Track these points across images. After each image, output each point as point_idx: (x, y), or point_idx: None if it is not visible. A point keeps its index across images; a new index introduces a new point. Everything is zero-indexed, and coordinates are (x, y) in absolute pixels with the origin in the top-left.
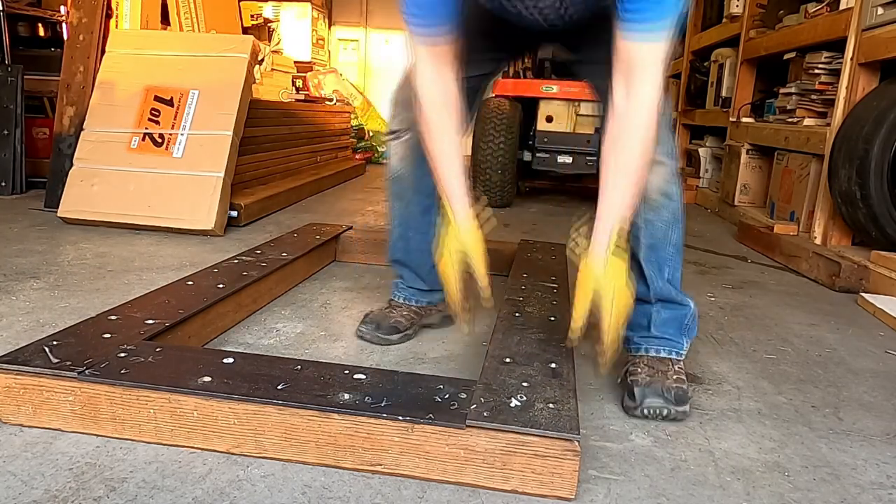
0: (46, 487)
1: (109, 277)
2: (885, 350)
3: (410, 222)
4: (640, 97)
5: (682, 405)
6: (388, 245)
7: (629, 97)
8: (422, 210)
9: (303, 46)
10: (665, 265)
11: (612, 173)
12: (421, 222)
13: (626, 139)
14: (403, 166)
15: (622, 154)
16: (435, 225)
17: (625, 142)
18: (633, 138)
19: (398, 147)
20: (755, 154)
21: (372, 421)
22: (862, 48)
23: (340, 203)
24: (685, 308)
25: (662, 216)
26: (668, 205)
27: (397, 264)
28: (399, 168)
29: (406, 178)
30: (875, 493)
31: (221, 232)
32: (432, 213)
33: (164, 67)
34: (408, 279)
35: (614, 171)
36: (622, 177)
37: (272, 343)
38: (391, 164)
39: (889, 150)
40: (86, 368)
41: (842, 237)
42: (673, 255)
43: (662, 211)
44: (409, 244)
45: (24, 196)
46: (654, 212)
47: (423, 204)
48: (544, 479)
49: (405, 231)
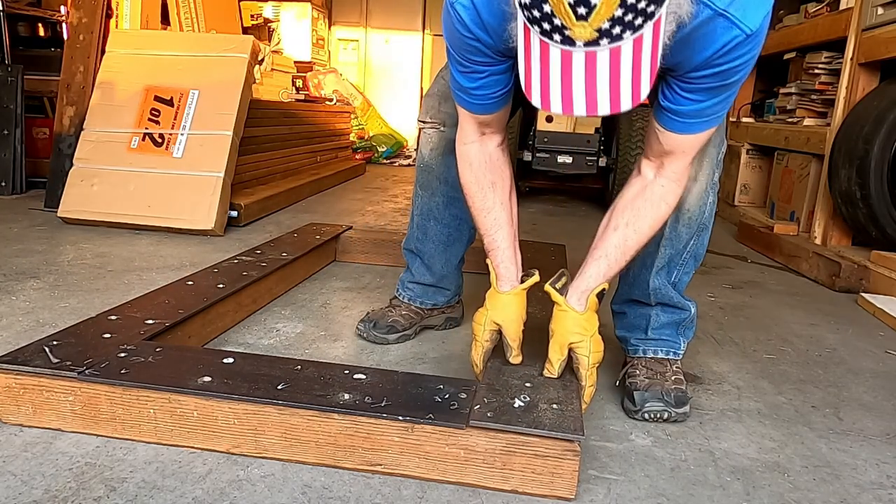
0: (46, 487)
1: (109, 277)
2: (885, 350)
3: (433, 212)
4: (670, 175)
5: (683, 407)
6: (406, 234)
7: (660, 173)
8: (446, 202)
9: (303, 46)
10: (675, 269)
11: (618, 235)
12: (444, 214)
13: (645, 210)
14: (433, 157)
15: (636, 221)
16: (457, 219)
17: (644, 212)
18: (653, 212)
19: (430, 137)
20: (755, 154)
21: (372, 421)
22: (862, 48)
23: (340, 203)
24: (685, 312)
25: (692, 228)
26: (699, 216)
27: (410, 254)
28: (428, 158)
29: (434, 169)
30: (875, 493)
31: (221, 232)
32: (456, 206)
33: (164, 67)
34: (416, 272)
35: (621, 233)
36: (626, 244)
37: (272, 343)
38: (421, 152)
39: (889, 150)
40: (86, 368)
41: (842, 237)
42: (686, 260)
43: (693, 223)
44: (426, 234)
45: (24, 196)
46: (686, 226)
47: (449, 195)
48: (544, 479)
49: (425, 221)
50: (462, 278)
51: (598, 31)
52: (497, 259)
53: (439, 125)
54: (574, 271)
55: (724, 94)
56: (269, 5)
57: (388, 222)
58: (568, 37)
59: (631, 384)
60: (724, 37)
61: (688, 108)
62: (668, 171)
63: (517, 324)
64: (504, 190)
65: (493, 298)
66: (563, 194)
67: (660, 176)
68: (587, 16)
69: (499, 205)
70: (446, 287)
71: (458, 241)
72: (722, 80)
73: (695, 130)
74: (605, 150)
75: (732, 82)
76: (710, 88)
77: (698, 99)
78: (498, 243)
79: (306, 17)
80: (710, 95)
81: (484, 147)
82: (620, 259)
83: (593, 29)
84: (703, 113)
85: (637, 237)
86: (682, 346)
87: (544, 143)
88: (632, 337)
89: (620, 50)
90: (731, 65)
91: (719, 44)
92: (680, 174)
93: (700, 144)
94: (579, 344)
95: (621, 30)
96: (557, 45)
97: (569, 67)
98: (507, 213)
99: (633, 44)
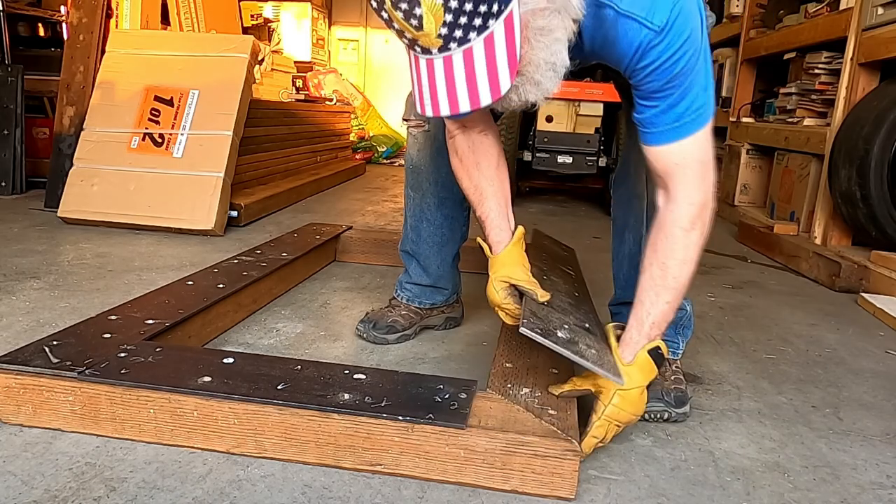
0: (46, 487)
1: (109, 277)
2: (885, 350)
3: (425, 213)
4: (680, 201)
5: (683, 407)
6: (402, 236)
7: (668, 201)
8: (437, 202)
9: (303, 46)
10: None
11: (655, 283)
12: (435, 215)
13: (669, 248)
14: (421, 158)
15: (667, 262)
16: (449, 218)
17: (668, 251)
18: (677, 247)
19: (416, 138)
20: (755, 154)
21: (372, 421)
22: (862, 48)
23: (340, 203)
24: (681, 311)
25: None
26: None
27: (406, 255)
28: (417, 159)
29: (423, 171)
30: (875, 493)
31: (221, 232)
32: (447, 206)
33: (164, 67)
34: (413, 274)
35: (659, 282)
36: (664, 290)
37: (272, 343)
38: (409, 154)
39: (889, 150)
40: (86, 368)
41: (842, 237)
42: None
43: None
44: (420, 235)
45: (24, 196)
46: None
47: (439, 196)
48: (544, 479)
49: (418, 223)
50: (459, 277)
51: (442, 38)
52: (488, 229)
53: (423, 123)
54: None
55: (675, 93)
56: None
57: (388, 222)
58: (423, 46)
59: None
60: (636, 37)
61: (649, 115)
62: (675, 195)
63: (522, 271)
64: (490, 167)
65: (493, 263)
66: (563, 194)
67: (669, 202)
68: (421, 26)
69: (485, 180)
70: (444, 287)
71: (451, 240)
72: (661, 79)
73: (671, 138)
74: (605, 150)
75: (674, 78)
76: (657, 91)
77: (653, 104)
78: (487, 213)
79: (306, 16)
80: (662, 97)
81: (467, 136)
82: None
83: (434, 37)
84: (667, 117)
85: (663, 273)
86: (680, 346)
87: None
88: None
89: (472, 50)
90: (657, 63)
91: (634, 45)
92: (690, 196)
93: (694, 156)
94: (603, 389)
95: (463, 33)
96: (420, 55)
97: (432, 73)
98: (495, 187)
99: (484, 43)
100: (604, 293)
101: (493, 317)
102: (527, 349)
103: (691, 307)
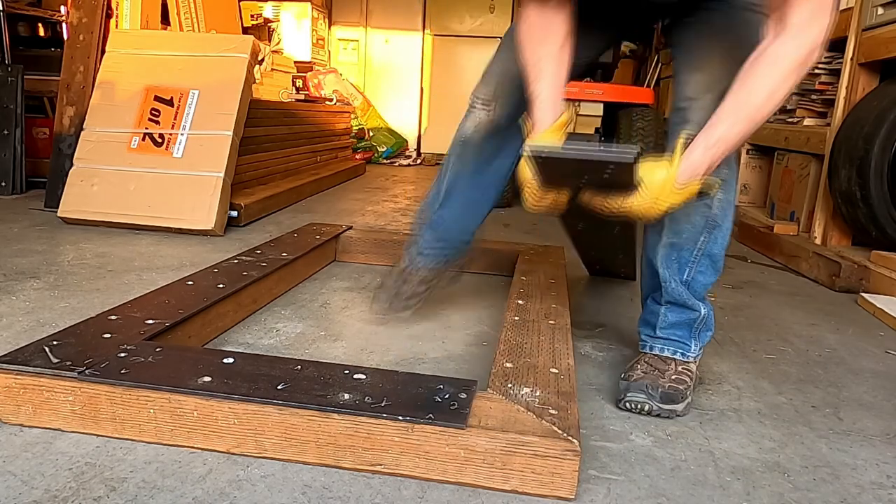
0: (46, 487)
1: (109, 277)
2: (885, 350)
3: (460, 176)
4: (791, 29)
5: (670, 404)
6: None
7: (779, 31)
8: (475, 170)
9: (303, 46)
10: (686, 267)
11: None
12: (469, 182)
13: (763, 78)
14: (475, 135)
15: (755, 90)
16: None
17: (761, 81)
18: (770, 80)
19: (478, 117)
20: (755, 154)
21: (372, 421)
22: (862, 48)
23: (340, 203)
24: (694, 312)
25: (692, 219)
26: (700, 208)
27: (423, 225)
28: (471, 134)
29: (472, 146)
30: (875, 493)
31: (221, 232)
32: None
33: (164, 67)
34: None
35: (743, 108)
36: (744, 119)
37: (272, 343)
38: (465, 126)
39: (889, 150)
40: (86, 368)
41: (842, 237)
42: (698, 258)
43: (693, 214)
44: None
45: (24, 196)
46: (685, 214)
47: (480, 166)
48: (544, 479)
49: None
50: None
51: None
52: (535, 107)
53: (491, 107)
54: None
55: None
56: (269, 5)
57: (388, 222)
58: None
59: (623, 375)
60: None
61: None
62: (789, 24)
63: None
64: (555, 44)
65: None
66: None
67: (781, 34)
68: None
69: (546, 58)
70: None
71: (478, 209)
72: None
73: None
74: None
75: None
76: None
77: None
78: (539, 92)
79: (306, 16)
80: None
81: (541, 8)
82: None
83: None
84: None
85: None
86: (693, 349)
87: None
88: (643, 333)
89: None
90: None
91: None
92: (803, 27)
93: None
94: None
95: None
96: None
97: None
98: (553, 67)
99: None
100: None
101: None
102: (527, 349)
103: (707, 311)
